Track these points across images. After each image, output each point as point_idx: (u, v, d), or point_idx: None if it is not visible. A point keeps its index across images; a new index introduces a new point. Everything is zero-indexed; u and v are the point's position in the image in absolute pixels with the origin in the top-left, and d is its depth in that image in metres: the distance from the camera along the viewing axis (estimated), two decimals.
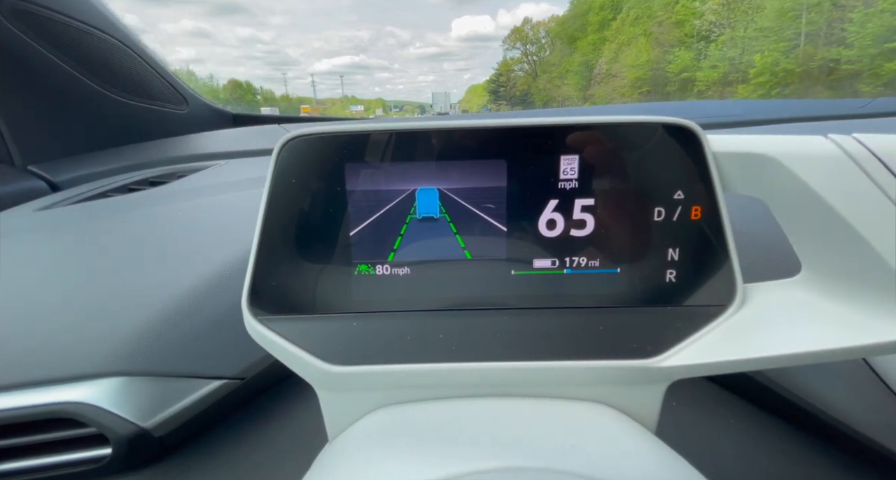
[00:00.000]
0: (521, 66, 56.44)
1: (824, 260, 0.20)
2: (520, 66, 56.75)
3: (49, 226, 0.44)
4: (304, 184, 0.21)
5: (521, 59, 56.63)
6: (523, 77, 55.63)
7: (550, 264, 0.21)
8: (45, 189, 0.65)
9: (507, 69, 59.27)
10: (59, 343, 0.28)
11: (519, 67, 56.99)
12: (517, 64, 56.97)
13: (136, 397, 0.27)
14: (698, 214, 0.20)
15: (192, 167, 0.67)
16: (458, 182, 0.21)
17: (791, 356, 0.19)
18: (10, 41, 0.63)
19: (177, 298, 0.31)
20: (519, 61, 56.94)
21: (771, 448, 0.29)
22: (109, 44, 0.77)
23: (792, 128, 0.70)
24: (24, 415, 0.25)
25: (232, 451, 0.30)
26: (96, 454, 0.27)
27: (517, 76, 57.20)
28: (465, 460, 0.17)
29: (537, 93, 50.48)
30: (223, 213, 0.45)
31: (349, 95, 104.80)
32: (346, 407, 0.22)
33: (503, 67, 60.34)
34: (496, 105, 60.16)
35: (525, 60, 55.89)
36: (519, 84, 55.89)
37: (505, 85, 59.42)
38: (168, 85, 0.88)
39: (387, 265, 0.21)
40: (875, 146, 0.18)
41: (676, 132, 0.20)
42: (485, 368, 0.20)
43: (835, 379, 0.28)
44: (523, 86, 54.93)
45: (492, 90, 62.51)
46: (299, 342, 0.21)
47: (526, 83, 54.79)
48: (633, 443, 0.19)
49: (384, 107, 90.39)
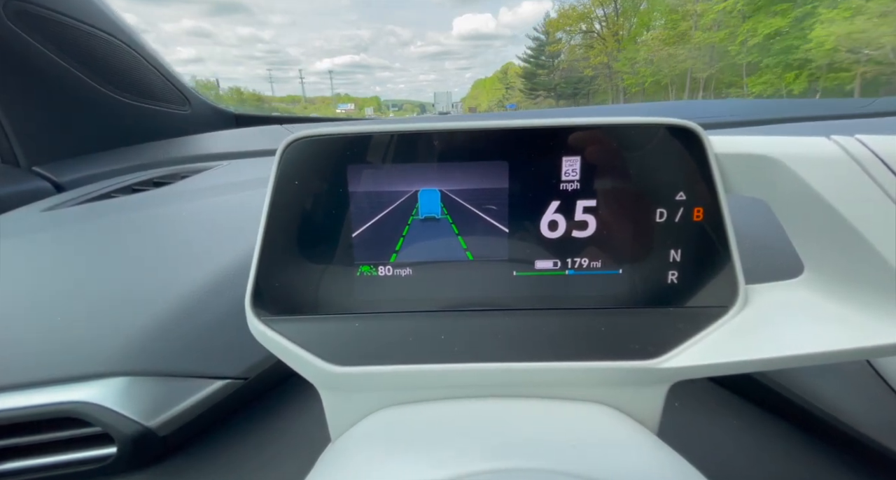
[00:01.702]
0: (585, 35, 33.42)
1: (827, 262, 0.20)
2: (583, 36, 33.71)
3: (54, 226, 0.45)
4: (306, 185, 0.21)
5: (588, 17, 32.83)
6: (595, 50, 33.06)
7: (552, 265, 0.21)
8: (50, 189, 0.65)
9: (556, 45, 36.08)
10: (64, 343, 0.28)
11: (580, 38, 34.20)
12: (575, 32, 34.10)
13: (140, 396, 0.27)
14: (700, 215, 0.20)
15: (196, 168, 0.68)
16: (459, 183, 0.21)
17: (793, 357, 0.19)
18: (14, 43, 0.64)
19: (181, 298, 0.31)
20: (585, 19, 33.04)
21: (773, 448, 0.29)
22: (113, 45, 0.77)
23: (794, 128, 0.69)
24: (30, 415, 0.26)
25: (235, 451, 0.30)
26: (101, 453, 0.27)
27: (574, 50, 34.98)
28: (467, 460, 0.17)
29: (624, 76, 30.43)
30: (226, 214, 0.45)
31: (343, 93, 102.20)
32: (348, 407, 0.22)
33: (559, 24, 35.10)
34: (531, 98, 39.29)
35: (602, 23, 32.65)
36: (592, 58, 33.50)
37: (547, 65, 38.25)
38: (171, 85, 0.89)
39: (389, 266, 0.21)
40: (878, 147, 0.18)
41: (678, 133, 0.20)
42: (486, 369, 0.21)
43: (837, 380, 0.28)
44: (597, 60, 33.04)
45: (526, 74, 40.78)
46: (302, 342, 0.21)
47: (600, 58, 32.84)
48: (635, 444, 0.19)
49: (378, 106, 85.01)
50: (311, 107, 68.51)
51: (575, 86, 36.55)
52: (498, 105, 55.38)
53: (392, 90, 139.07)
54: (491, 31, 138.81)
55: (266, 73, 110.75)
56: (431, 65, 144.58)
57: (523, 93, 42.27)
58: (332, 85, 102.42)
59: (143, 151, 0.77)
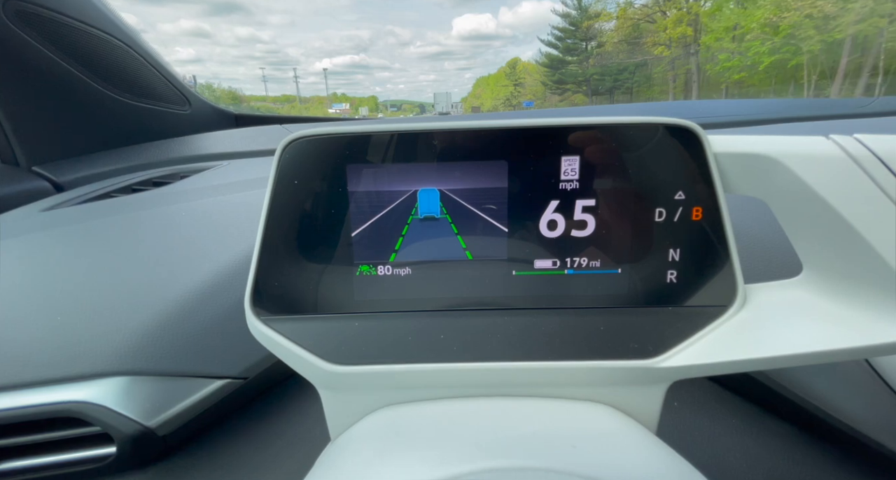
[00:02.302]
0: None
1: (825, 261, 0.20)
2: None
3: (54, 226, 0.45)
4: (306, 185, 0.21)
5: None
6: (660, 24, 23.55)
7: (551, 265, 0.21)
8: (50, 189, 0.65)
9: (595, 19, 27.02)
10: (64, 342, 0.28)
11: None
12: None
13: (140, 396, 0.27)
14: (699, 215, 0.20)
15: (195, 167, 0.68)
16: (459, 183, 0.21)
17: (792, 356, 0.19)
18: (14, 43, 0.64)
19: (180, 298, 0.32)
20: None
21: (772, 447, 0.29)
22: (112, 45, 0.77)
23: (793, 128, 0.69)
24: (30, 414, 0.26)
25: (234, 450, 0.30)
26: (101, 453, 0.27)
27: (623, 26, 25.97)
28: (467, 460, 0.17)
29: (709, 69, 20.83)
30: (226, 214, 0.45)
31: (340, 93, 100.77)
32: (347, 407, 0.23)
33: None
34: (557, 93, 29.85)
35: None
36: (668, 27, 23.04)
37: (579, 50, 28.65)
38: (170, 85, 0.89)
39: (388, 265, 0.21)
40: (876, 147, 0.18)
41: (677, 133, 0.20)
42: (486, 368, 0.21)
43: (836, 379, 0.28)
44: (674, 32, 22.79)
45: (551, 62, 30.98)
46: (301, 342, 0.21)
47: (680, 29, 22.78)
48: (634, 443, 0.20)
49: (375, 106, 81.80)
50: (302, 107, 67.04)
51: (616, 77, 26.18)
52: (505, 104, 46.72)
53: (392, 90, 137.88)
54: (491, 32, 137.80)
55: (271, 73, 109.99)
56: (431, 65, 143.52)
57: (547, 88, 31.91)
58: (327, 85, 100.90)
59: (142, 151, 0.77)
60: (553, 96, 31.68)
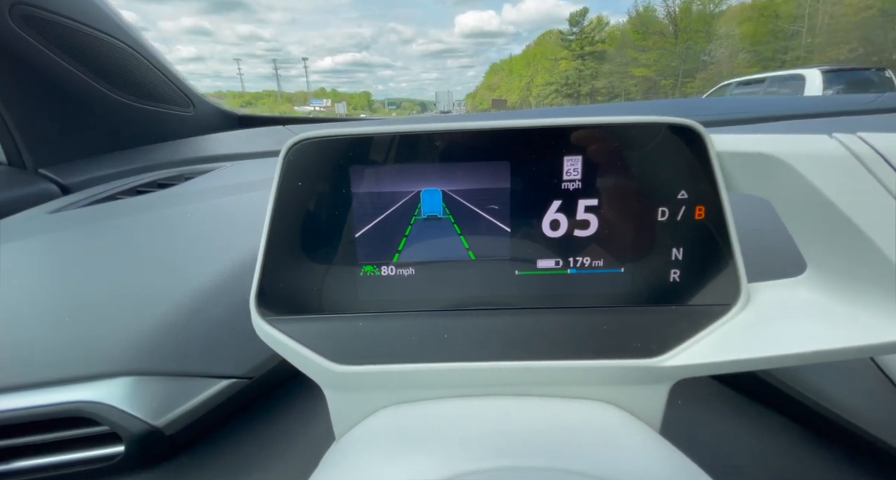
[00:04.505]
0: None
1: (829, 260, 0.20)
2: None
3: (62, 228, 0.45)
4: (310, 186, 0.21)
5: None
6: None
7: (554, 264, 0.21)
8: (56, 192, 0.66)
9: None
10: (72, 343, 0.29)
11: None
12: None
13: (147, 396, 0.27)
14: (702, 214, 0.20)
15: (200, 169, 0.68)
16: (461, 183, 0.21)
17: (796, 355, 0.19)
18: (21, 47, 0.64)
19: (186, 299, 0.32)
20: None
21: (776, 446, 0.29)
22: (117, 48, 0.78)
23: (796, 126, 0.69)
24: (40, 414, 0.26)
25: (240, 450, 0.31)
26: (109, 452, 0.27)
27: None
28: (471, 459, 0.17)
29: None
30: (231, 215, 0.46)
31: (334, 90, 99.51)
32: (352, 406, 0.23)
33: None
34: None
35: None
36: None
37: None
38: (174, 87, 0.89)
39: (392, 266, 0.21)
40: (880, 145, 0.18)
41: (680, 132, 0.20)
42: (489, 368, 0.21)
43: (841, 377, 0.28)
44: None
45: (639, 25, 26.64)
46: (306, 342, 0.21)
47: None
48: (638, 442, 0.20)
49: (369, 103, 79.10)
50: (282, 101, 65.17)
51: None
52: (556, 92, 33.11)
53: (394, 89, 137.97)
54: (494, 29, 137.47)
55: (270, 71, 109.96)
56: (434, 63, 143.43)
57: None
58: (307, 81, 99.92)
59: (147, 153, 0.78)
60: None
